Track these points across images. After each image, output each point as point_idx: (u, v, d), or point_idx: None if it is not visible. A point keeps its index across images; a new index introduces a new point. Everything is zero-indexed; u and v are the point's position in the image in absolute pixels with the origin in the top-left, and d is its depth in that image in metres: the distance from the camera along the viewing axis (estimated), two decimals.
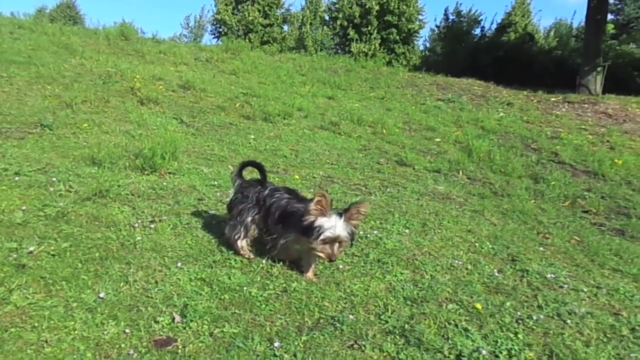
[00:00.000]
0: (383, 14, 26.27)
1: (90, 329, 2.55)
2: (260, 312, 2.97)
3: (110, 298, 2.86)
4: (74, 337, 2.46)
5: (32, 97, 7.47)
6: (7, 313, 2.59)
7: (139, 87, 8.57)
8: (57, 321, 2.58)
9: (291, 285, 3.35)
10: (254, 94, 10.18)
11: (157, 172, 5.38)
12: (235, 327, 2.77)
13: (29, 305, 2.68)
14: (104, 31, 12.81)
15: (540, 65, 18.00)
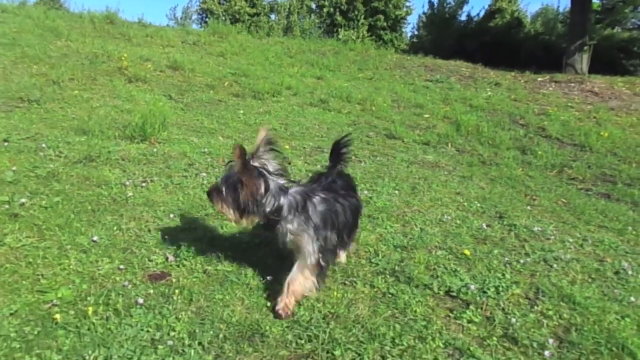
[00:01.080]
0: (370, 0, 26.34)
1: (85, 266, 2.58)
2: (252, 256, 3.01)
3: (103, 242, 2.89)
4: (69, 272, 2.49)
5: (18, 75, 7.40)
6: (2, 253, 2.61)
7: (126, 66, 8.52)
8: (52, 259, 2.61)
9: None
10: (243, 74, 10.15)
11: (147, 140, 5.38)
12: (229, 266, 2.81)
13: (22, 247, 2.70)
14: (89, 15, 12.66)
15: (527, 50, 18.14)
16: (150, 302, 2.31)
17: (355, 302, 2.58)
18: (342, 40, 20.09)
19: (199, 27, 31.65)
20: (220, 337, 2.12)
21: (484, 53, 16.92)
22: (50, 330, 2.01)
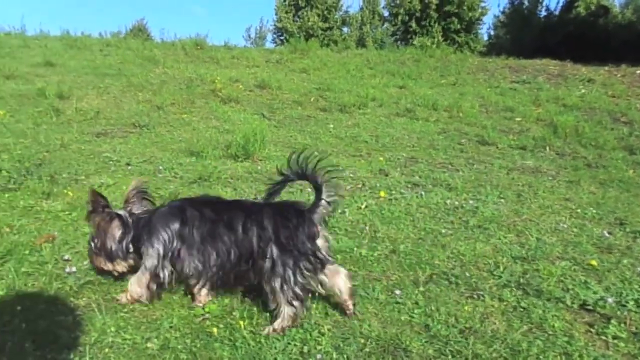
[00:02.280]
0: (442, 4, 25.87)
1: None
2: (373, 269, 3.06)
3: None
4: None
5: (127, 102, 8.05)
6: None
7: (219, 88, 8.99)
8: None
9: (399, 247, 3.41)
10: (327, 88, 10.36)
11: (249, 158, 5.64)
12: (353, 280, 2.87)
13: None
14: (180, 42, 13.56)
15: (619, 41, 16.94)
16: None
17: (488, 317, 2.54)
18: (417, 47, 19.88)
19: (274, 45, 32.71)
20: (364, 352, 2.17)
21: (568, 46, 16.03)
22: (208, 343, 2.17)
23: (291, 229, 2.36)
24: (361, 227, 3.80)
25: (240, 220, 2.40)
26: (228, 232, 2.39)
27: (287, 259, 2.32)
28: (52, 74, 9.46)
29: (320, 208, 2.46)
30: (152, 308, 2.44)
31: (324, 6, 32.45)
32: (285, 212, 2.45)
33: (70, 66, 10.19)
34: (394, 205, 4.40)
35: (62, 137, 5.73)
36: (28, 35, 14.00)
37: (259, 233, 2.37)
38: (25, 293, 2.46)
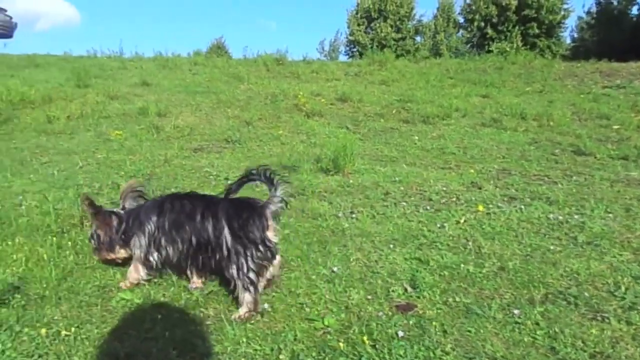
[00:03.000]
0: (521, 8, 24.95)
1: (336, 295, 2.81)
2: (484, 287, 3.00)
3: (341, 272, 3.12)
4: (325, 301, 2.74)
5: (218, 118, 8.45)
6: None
7: (303, 102, 9.21)
8: (306, 289, 2.88)
9: (507, 264, 3.31)
10: (408, 99, 10.31)
11: (340, 172, 5.72)
12: (465, 298, 2.83)
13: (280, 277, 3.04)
14: (262, 59, 14.06)
15: None
16: (410, 333, 2.42)
17: (618, 341, 2.40)
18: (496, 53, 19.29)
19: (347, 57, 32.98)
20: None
21: None
22: (334, 357, 2.23)
23: (243, 220, 2.64)
24: (463, 242, 3.73)
25: (199, 211, 2.73)
26: (189, 221, 2.73)
27: (239, 247, 2.60)
28: (148, 93, 10.14)
29: (272, 204, 2.74)
30: (273, 320, 2.54)
31: (396, 16, 32.32)
32: (239, 206, 2.75)
33: (164, 85, 10.87)
34: (494, 219, 4.28)
35: (166, 153, 6.13)
36: (125, 58, 15.14)
37: (214, 223, 2.68)
38: (159, 302, 2.65)
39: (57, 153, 6.09)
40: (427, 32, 35.08)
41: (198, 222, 2.70)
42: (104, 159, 5.91)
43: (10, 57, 14.27)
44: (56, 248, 3.21)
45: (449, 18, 35.41)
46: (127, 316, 2.48)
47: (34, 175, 5.14)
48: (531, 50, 21.95)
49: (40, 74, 11.61)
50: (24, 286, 2.72)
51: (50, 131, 7.15)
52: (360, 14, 32.56)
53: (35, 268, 2.93)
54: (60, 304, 2.60)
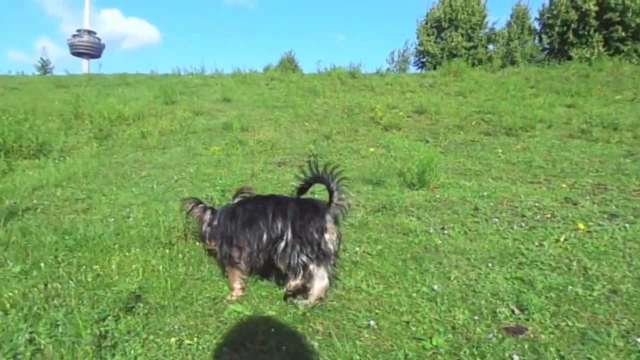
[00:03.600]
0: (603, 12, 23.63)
1: (440, 315, 2.77)
2: (596, 311, 2.84)
3: (442, 291, 3.08)
4: (430, 320, 2.71)
5: (297, 132, 8.64)
6: (364, 299, 3.00)
7: (380, 115, 9.21)
8: (408, 307, 2.87)
9: (619, 287, 3.13)
10: (487, 111, 10.03)
11: (425, 186, 5.66)
12: (578, 322, 2.70)
13: (378, 293, 3.05)
14: (335, 72, 14.24)
15: None
16: (525, 358, 2.35)
17: None
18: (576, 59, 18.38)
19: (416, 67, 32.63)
20: None
21: None
22: None
23: (304, 221, 2.86)
24: (566, 262, 3.57)
25: (271, 209, 2.98)
26: (263, 219, 2.97)
27: (297, 244, 2.84)
28: (230, 108, 10.56)
29: (331, 208, 2.93)
30: (380, 337, 2.55)
31: (467, 25, 31.69)
32: (305, 206, 2.96)
33: (244, 101, 11.28)
34: (596, 238, 4.06)
35: (252, 167, 6.34)
36: (206, 75, 15.88)
37: (282, 221, 2.92)
38: (268, 316, 2.75)
39: (153, 167, 6.48)
40: (499, 40, 34.06)
41: (270, 220, 2.95)
42: (195, 173, 6.22)
43: (106, 77, 15.41)
44: (168, 260, 3.41)
45: (523, 25, 34.19)
46: (240, 328, 2.58)
47: (135, 188, 5.50)
48: (615, 55, 20.72)
49: (132, 92, 12.43)
50: (144, 295, 2.91)
51: (145, 146, 7.62)
52: (430, 24, 32.24)
53: (151, 278, 3.13)
54: (178, 313, 2.76)
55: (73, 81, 15.00)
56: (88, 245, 3.68)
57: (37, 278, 3.16)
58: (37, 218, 4.45)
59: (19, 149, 6.84)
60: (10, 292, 2.89)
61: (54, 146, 7.34)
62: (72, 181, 5.79)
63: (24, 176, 5.95)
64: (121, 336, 2.47)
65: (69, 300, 2.85)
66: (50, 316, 2.63)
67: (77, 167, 6.27)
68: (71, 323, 2.55)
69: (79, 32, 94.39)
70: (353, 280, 3.23)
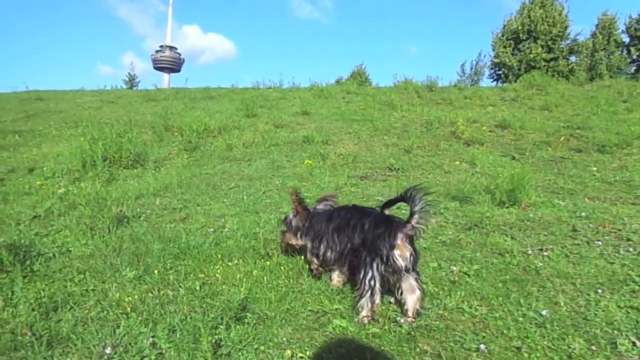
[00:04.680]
0: None
1: (553, 342, 2.65)
2: None
3: (551, 316, 2.95)
4: (542, 348, 2.60)
5: (377, 146, 8.65)
6: (467, 320, 2.93)
7: (462, 130, 9.03)
8: (514, 331, 2.78)
9: None
10: (577, 126, 9.56)
11: (516, 205, 5.47)
12: None
13: (481, 316, 2.98)
14: (412, 85, 14.15)
15: None
16: None
17: None
18: None
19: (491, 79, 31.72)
20: None
21: None
22: None
23: (375, 235, 2.99)
24: None
25: (354, 220, 3.21)
26: (347, 228, 3.22)
27: (368, 258, 2.96)
28: (308, 121, 10.77)
29: (406, 227, 2.99)
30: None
31: (548, 36, 30.51)
32: (379, 221, 3.08)
33: (322, 114, 11.46)
34: None
35: (336, 181, 6.42)
36: (284, 88, 16.32)
37: (360, 232, 3.12)
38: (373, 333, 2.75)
39: (240, 179, 6.72)
40: (583, 51, 32.43)
41: (351, 229, 3.18)
42: (281, 185, 6.38)
43: (190, 91, 16.24)
44: (268, 271, 3.52)
45: (609, 36, 32.38)
46: (347, 344, 2.61)
47: (226, 199, 5.73)
48: None
49: (215, 106, 13.00)
50: (249, 305, 3.02)
51: (231, 158, 7.93)
52: (507, 36, 31.36)
53: (255, 289, 3.24)
54: (284, 325, 2.83)
55: (161, 95, 15.93)
56: (191, 254, 3.87)
57: (150, 284, 3.37)
58: (142, 225, 4.76)
59: (119, 159, 7.35)
60: (129, 297, 3.10)
61: (149, 157, 7.81)
62: (168, 191, 6.13)
63: (125, 185, 6.39)
64: (234, 345, 2.57)
65: (181, 306, 3.00)
66: (167, 321, 2.79)
67: (171, 178, 6.63)
68: (187, 329, 2.69)
69: (161, 47, 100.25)
70: (453, 300, 3.16)
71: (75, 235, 4.39)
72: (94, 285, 3.35)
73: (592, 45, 32.60)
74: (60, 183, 6.64)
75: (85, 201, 4.82)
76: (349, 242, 3.19)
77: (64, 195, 5.83)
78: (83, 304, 3.10)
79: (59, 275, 3.52)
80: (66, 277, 3.48)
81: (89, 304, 3.09)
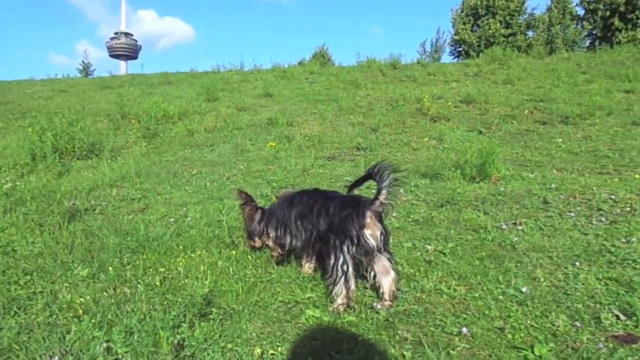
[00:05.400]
0: None
1: (535, 320, 2.54)
2: None
3: (531, 293, 2.85)
4: (526, 327, 2.49)
5: (343, 126, 8.46)
6: (447, 301, 2.79)
7: (428, 106, 8.92)
8: (498, 311, 2.65)
9: None
10: (539, 99, 9.61)
11: (486, 179, 5.39)
12: None
13: (461, 296, 2.84)
14: (375, 63, 13.96)
15: None
16: None
17: None
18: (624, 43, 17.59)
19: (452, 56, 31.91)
20: None
21: None
22: None
23: (342, 217, 2.83)
24: None
25: (317, 205, 3.01)
26: (310, 214, 3.02)
27: (337, 241, 2.78)
28: (272, 103, 10.47)
29: (374, 205, 2.81)
30: (474, 346, 2.35)
31: (506, 12, 30.84)
32: (345, 203, 2.91)
33: (285, 95, 11.17)
34: None
35: (303, 163, 6.19)
36: (246, 71, 15.87)
37: (325, 217, 2.94)
38: (349, 321, 2.57)
39: (203, 165, 6.42)
40: (540, 26, 32.94)
41: (315, 216, 2.99)
42: (245, 170, 6.12)
43: (147, 76, 15.58)
44: (235, 261, 3.29)
45: (564, 10, 32.97)
46: (322, 335, 2.42)
47: (188, 187, 5.44)
48: None
49: (174, 91, 12.50)
50: (215, 299, 2.79)
51: (192, 144, 7.59)
52: (466, 12, 31.51)
53: (221, 281, 3.01)
54: (253, 319, 2.62)
55: (116, 82, 15.25)
56: (151, 247, 3.60)
57: (105, 282, 3.09)
58: (96, 219, 4.43)
59: (72, 150, 6.91)
60: (82, 298, 2.82)
61: (104, 146, 7.39)
62: (125, 181, 5.78)
63: (79, 177, 5.99)
64: (198, 345, 2.35)
65: (140, 305, 2.75)
66: (124, 323, 2.54)
67: (129, 167, 6.27)
68: (146, 330, 2.45)
69: (116, 34, 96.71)
70: (431, 281, 3.02)
71: (22, 234, 4.04)
72: (42, 287, 3.05)
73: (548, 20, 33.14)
74: (7, 178, 6.18)
75: (31, 196, 4.45)
76: (314, 229, 3.00)
77: (10, 190, 5.40)
78: (29, 309, 2.81)
79: (1, 278, 3.20)
80: (10, 280, 3.16)
81: (36, 308, 2.80)
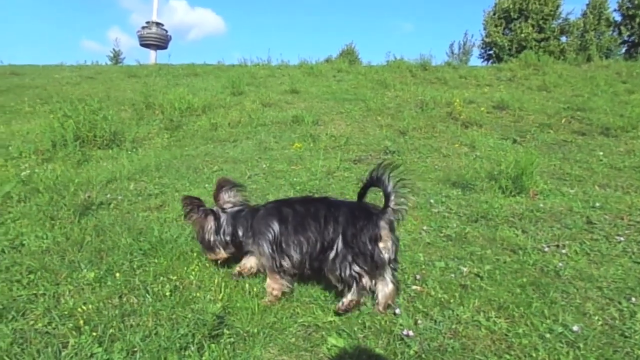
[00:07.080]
0: None
1: None
2: None
3: (583, 332, 2.53)
4: None
5: (371, 127, 8.15)
6: (486, 336, 2.49)
7: (459, 111, 8.56)
8: (545, 353, 2.35)
9: None
10: (577, 108, 9.15)
11: (522, 193, 5.04)
12: None
13: (501, 332, 2.54)
14: (405, 64, 13.59)
15: None
16: None
17: None
18: None
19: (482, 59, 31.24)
20: None
21: None
22: None
23: (356, 229, 2.59)
24: None
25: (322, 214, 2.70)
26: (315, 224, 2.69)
27: (348, 254, 2.58)
28: (298, 100, 10.21)
29: (387, 213, 2.63)
30: None
31: (539, 15, 30.05)
32: (357, 213, 2.67)
33: (312, 92, 10.90)
34: None
35: (328, 165, 5.92)
36: (273, 65, 15.65)
37: (334, 227, 2.65)
38: (376, 355, 2.30)
39: (224, 161, 6.19)
40: (573, 32, 32.03)
41: (322, 225, 2.69)
42: (268, 169, 5.87)
43: (174, 67, 15.48)
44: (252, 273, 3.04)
45: (600, 15, 32.00)
46: None
47: (208, 184, 5.21)
48: None
49: (200, 83, 12.34)
50: (227, 318, 2.55)
51: (215, 138, 7.38)
52: (498, 15, 30.83)
53: (235, 296, 2.77)
54: (269, 344, 2.36)
55: (144, 71, 15.18)
56: (164, 250, 3.38)
57: (112, 288, 2.87)
58: (110, 215, 4.23)
59: (93, 139, 6.76)
60: (85, 306, 2.61)
61: (126, 136, 7.23)
62: (144, 174, 5.59)
63: (97, 167, 5.83)
64: None
65: (145, 319, 2.52)
66: (126, 339, 2.31)
67: (149, 159, 6.08)
68: (150, 350, 2.21)
69: (147, 24, 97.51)
70: (467, 310, 2.72)
71: (32, 226, 3.85)
72: (45, 289, 2.84)
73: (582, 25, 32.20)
74: (26, 164, 6.05)
75: (45, 186, 4.27)
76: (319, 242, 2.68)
77: (27, 178, 5.25)
78: (28, 313, 2.60)
79: (4, 275, 3.00)
80: (13, 278, 2.96)
81: (35, 313, 2.59)
